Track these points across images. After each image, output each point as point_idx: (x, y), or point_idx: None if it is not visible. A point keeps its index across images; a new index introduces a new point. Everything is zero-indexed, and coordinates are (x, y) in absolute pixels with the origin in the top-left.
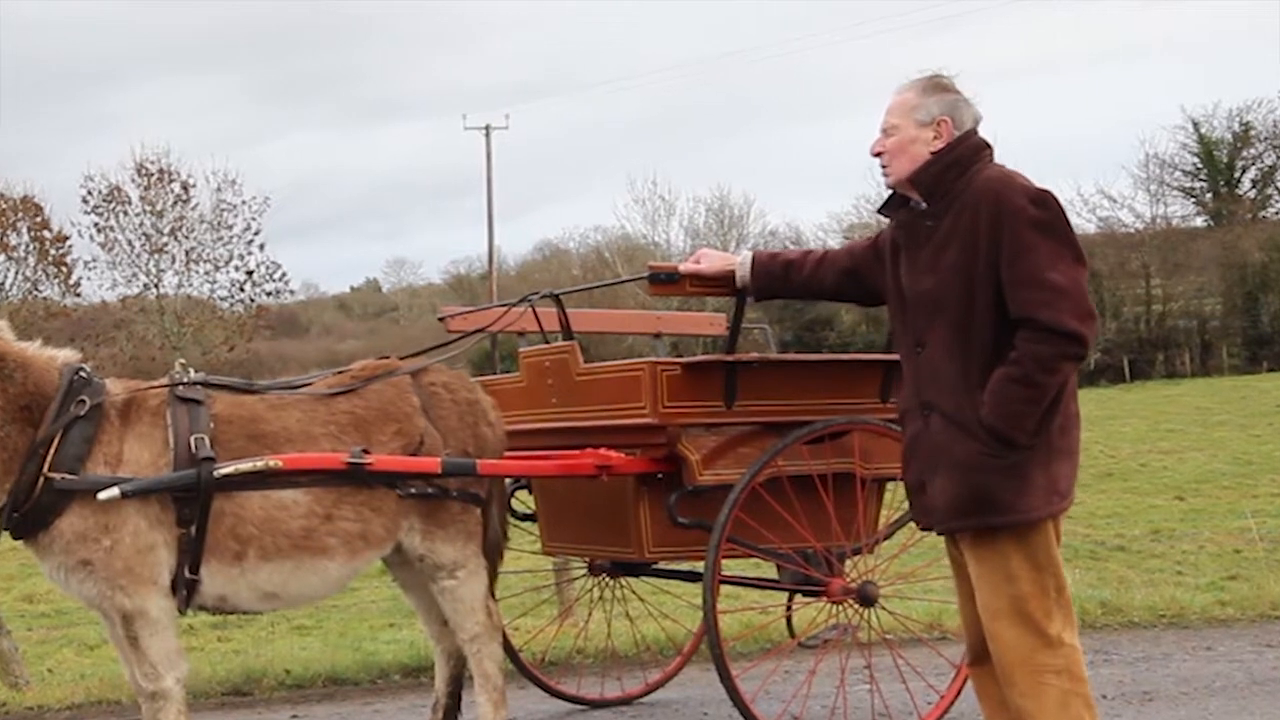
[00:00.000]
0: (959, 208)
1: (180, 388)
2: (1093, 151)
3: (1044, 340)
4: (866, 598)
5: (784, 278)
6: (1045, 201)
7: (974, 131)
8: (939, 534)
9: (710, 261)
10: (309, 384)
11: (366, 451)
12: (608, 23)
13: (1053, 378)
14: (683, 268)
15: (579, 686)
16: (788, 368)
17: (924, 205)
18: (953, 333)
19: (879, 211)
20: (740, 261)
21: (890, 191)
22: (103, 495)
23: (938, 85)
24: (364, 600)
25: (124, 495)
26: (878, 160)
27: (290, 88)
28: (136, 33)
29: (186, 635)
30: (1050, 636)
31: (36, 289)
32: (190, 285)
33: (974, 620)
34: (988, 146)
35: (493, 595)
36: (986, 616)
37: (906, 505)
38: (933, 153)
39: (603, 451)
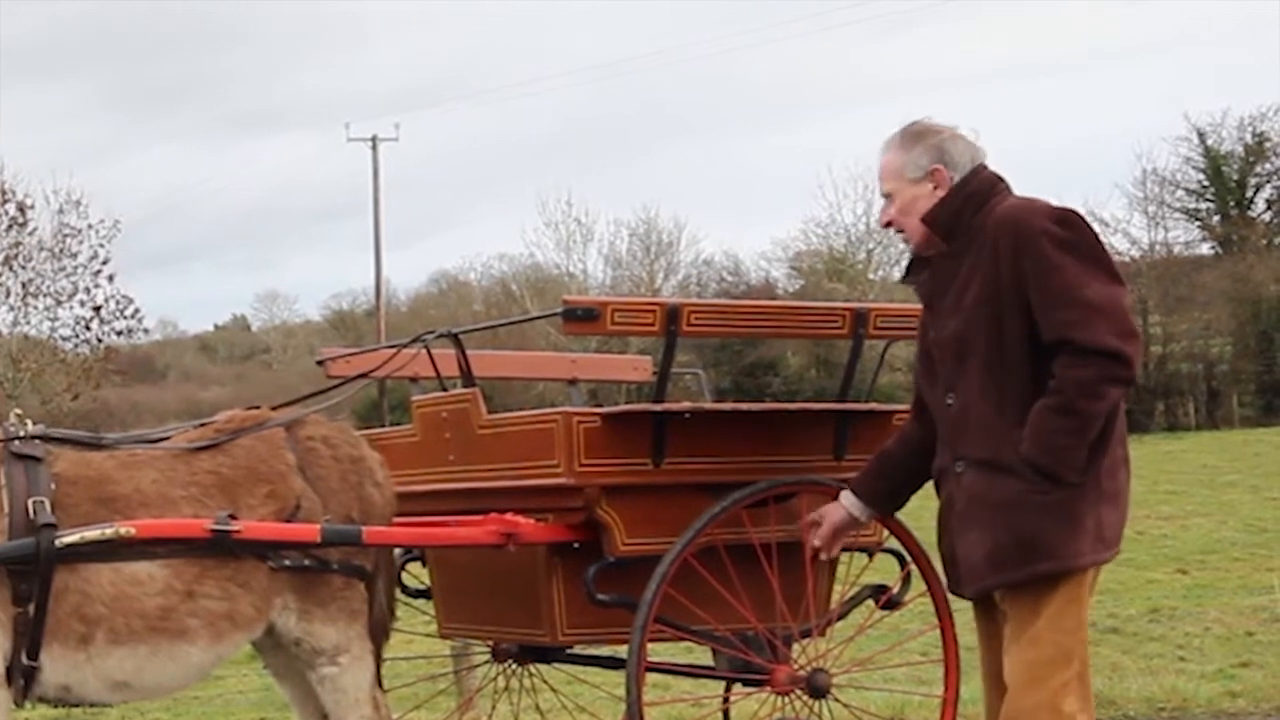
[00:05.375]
0: (979, 243)
1: (16, 443)
2: (1081, 167)
3: (1083, 363)
4: (817, 688)
5: (898, 474)
6: (1068, 220)
7: (985, 166)
8: (973, 596)
9: (834, 519)
10: (167, 438)
11: (234, 517)
12: (513, 18)
13: (1097, 404)
14: (818, 541)
15: None
16: (725, 419)
17: (944, 247)
18: (984, 372)
19: (902, 281)
20: (848, 504)
21: (911, 259)
22: None
23: (917, 134)
24: (230, 691)
25: None
26: (891, 230)
27: (144, 96)
28: None
29: None
30: (1064, 714)
31: None
32: (28, 323)
33: (998, 702)
34: (1002, 180)
35: (380, 684)
36: (1009, 685)
37: (856, 581)
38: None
39: (509, 517)
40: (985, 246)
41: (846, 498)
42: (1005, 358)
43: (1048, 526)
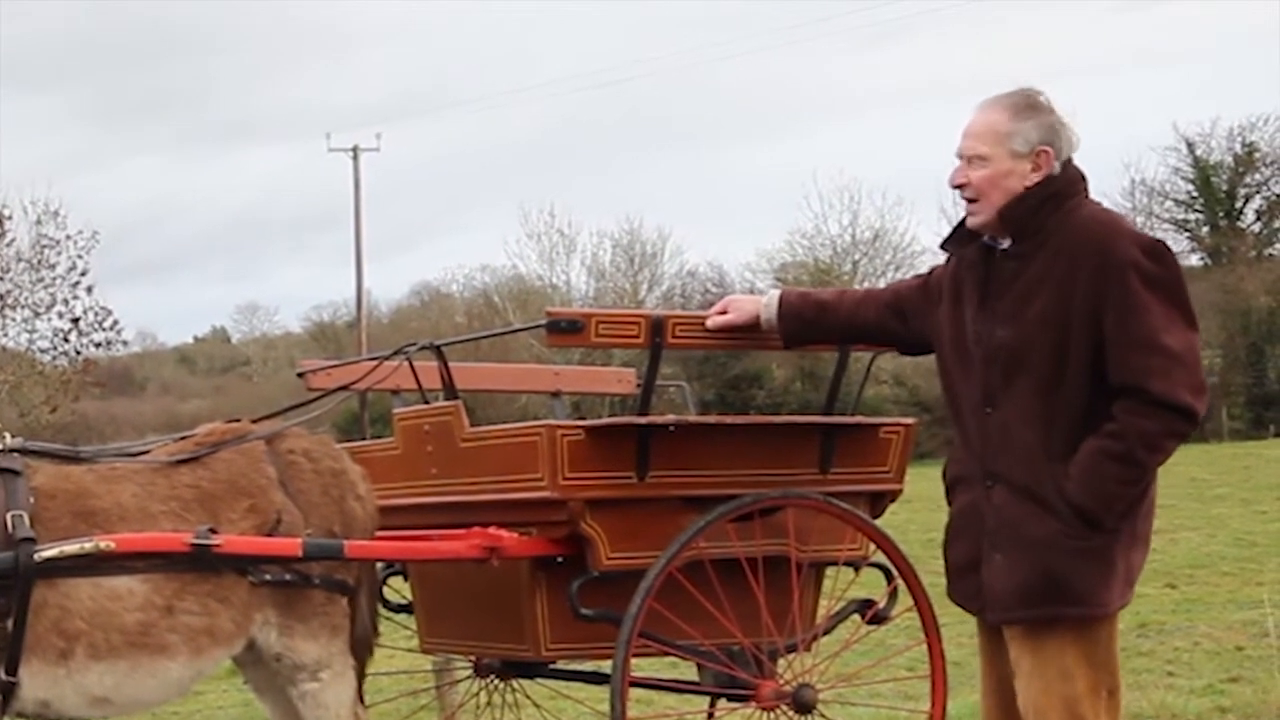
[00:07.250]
0: (1052, 250)
1: None
2: None
3: (1152, 414)
4: (803, 703)
5: (817, 320)
6: (1160, 254)
7: (1070, 161)
8: (993, 623)
9: (740, 311)
10: (146, 451)
11: (214, 531)
12: (496, 28)
13: (1156, 456)
14: (710, 322)
15: None
16: (710, 432)
17: (1007, 243)
18: (1034, 394)
19: (942, 246)
20: (765, 302)
21: (958, 224)
22: None
23: (1033, 105)
24: (210, 706)
25: None
26: (958, 192)
27: (124, 106)
28: None
29: None
30: None
31: None
32: (5, 334)
33: (999, 716)
34: (1084, 178)
35: (361, 700)
36: (1033, 713)
37: (842, 596)
38: (1028, 186)
39: (492, 531)
40: (1061, 259)
41: (770, 304)
42: (1061, 386)
43: (1081, 571)
